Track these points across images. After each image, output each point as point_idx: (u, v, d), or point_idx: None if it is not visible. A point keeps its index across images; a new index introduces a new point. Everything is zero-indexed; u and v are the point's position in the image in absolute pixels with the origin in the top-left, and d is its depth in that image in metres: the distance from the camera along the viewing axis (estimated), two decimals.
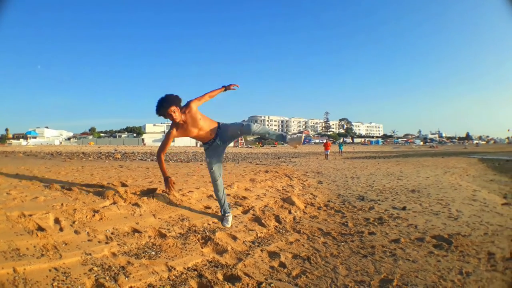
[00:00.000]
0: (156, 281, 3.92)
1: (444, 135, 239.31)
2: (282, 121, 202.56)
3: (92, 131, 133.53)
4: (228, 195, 7.92)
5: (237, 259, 4.80)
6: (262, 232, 6.04)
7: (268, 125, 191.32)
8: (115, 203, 5.87)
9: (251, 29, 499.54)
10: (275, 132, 6.31)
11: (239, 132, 6.14)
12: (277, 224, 6.77)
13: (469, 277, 4.46)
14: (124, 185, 7.31)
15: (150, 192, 6.69)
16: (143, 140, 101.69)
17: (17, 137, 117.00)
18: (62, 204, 5.33)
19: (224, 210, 6.27)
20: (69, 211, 5.17)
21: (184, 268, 4.32)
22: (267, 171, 13.12)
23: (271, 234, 6.17)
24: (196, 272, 4.25)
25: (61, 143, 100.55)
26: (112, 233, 4.89)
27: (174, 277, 4.09)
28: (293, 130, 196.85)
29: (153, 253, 4.58)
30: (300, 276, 4.42)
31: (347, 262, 5.02)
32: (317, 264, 4.89)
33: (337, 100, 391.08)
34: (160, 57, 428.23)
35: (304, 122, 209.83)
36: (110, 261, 4.14)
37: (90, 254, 4.17)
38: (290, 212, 7.72)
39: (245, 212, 7.11)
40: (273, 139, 6.83)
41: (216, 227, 5.89)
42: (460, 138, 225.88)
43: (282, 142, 6.32)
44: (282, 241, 5.80)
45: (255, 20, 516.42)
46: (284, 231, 6.39)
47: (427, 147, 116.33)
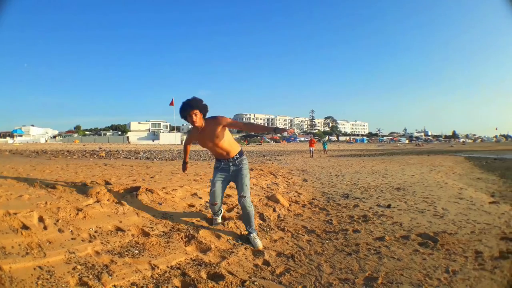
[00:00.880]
0: (139, 279, 3.90)
1: (430, 134, 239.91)
2: (268, 119, 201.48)
3: (78, 129, 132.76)
4: None
5: (221, 258, 4.79)
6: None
7: (254, 122, 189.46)
8: (98, 201, 5.86)
9: (236, 26, 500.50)
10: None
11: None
12: (261, 222, 6.74)
13: (456, 276, 4.44)
14: (108, 183, 7.30)
15: (133, 191, 6.68)
16: (128, 138, 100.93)
17: (3, 135, 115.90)
18: (46, 203, 5.32)
19: (215, 213, 6.11)
20: (53, 209, 5.15)
21: (168, 267, 4.31)
22: (251, 169, 13.11)
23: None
24: (179, 271, 4.26)
25: (46, 141, 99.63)
26: (95, 232, 4.88)
27: (157, 275, 4.07)
28: None
29: (137, 251, 4.58)
30: (284, 274, 4.40)
31: (332, 259, 5.00)
32: (301, 262, 4.86)
33: (323, 99, 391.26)
34: (145, 56, 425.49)
35: (289, 120, 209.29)
36: (94, 260, 4.13)
37: (73, 252, 4.16)
38: (274, 210, 7.69)
39: (229, 210, 7.07)
40: None
41: (200, 225, 5.86)
42: (446, 137, 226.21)
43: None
44: (266, 239, 5.78)
45: (241, 18, 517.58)
46: (268, 229, 6.36)
47: (413, 145, 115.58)
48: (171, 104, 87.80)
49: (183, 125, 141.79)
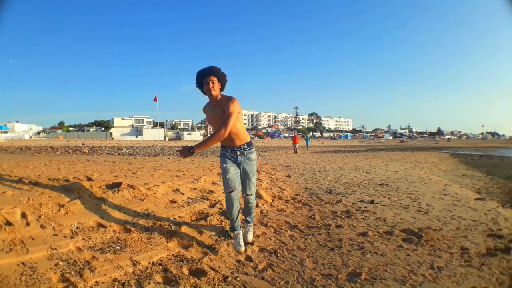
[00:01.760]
0: (121, 275, 3.90)
1: (414, 130, 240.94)
2: (252, 115, 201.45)
3: (61, 125, 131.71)
4: (195, 189, 7.86)
5: (203, 254, 4.78)
6: (228, 226, 5.88)
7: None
8: (80, 197, 5.81)
9: (218, 24, 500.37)
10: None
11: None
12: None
13: (441, 272, 4.40)
14: (89, 179, 7.22)
15: (115, 187, 6.61)
16: (111, 134, 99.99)
17: None
18: (28, 199, 5.31)
19: (233, 227, 5.28)
20: (36, 205, 5.13)
21: (149, 263, 4.31)
22: None
23: None
24: (161, 267, 4.25)
25: (31, 137, 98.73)
26: (77, 228, 4.86)
27: (139, 271, 4.06)
28: (263, 124, 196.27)
29: (118, 247, 4.59)
30: (267, 270, 4.38)
31: (314, 255, 4.97)
32: (284, 257, 4.84)
33: (307, 95, 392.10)
34: (128, 53, 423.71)
35: (274, 117, 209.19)
36: (76, 256, 4.15)
37: (55, 249, 4.17)
38: (257, 206, 7.59)
39: (212, 205, 7.01)
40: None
41: (182, 222, 5.81)
42: (431, 133, 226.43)
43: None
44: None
45: (222, 15, 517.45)
46: None
47: (397, 142, 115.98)
48: (155, 100, 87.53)
49: (166, 121, 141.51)
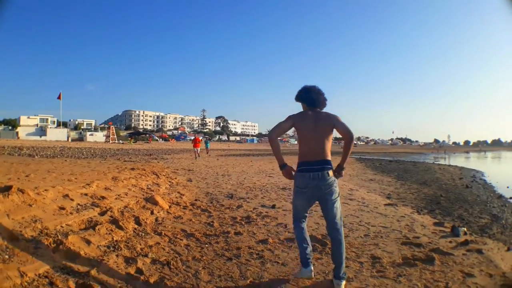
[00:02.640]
0: (10, 287, 3.67)
1: None
2: (158, 117, 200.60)
3: None
4: (86, 194, 7.48)
5: (90, 266, 4.48)
6: (119, 236, 5.67)
7: (143, 120, 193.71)
8: None
9: (120, 18, 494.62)
10: None
11: None
12: (136, 226, 6.41)
13: (351, 284, 4.23)
14: None
15: (6, 190, 6.09)
16: (17, 133, 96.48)
17: None
18: None
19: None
20: None
21: (36, 275, 4.00)
22: (133, 169, 12.82)
23: (129, 237, 5.79)
24: (47, 279, 3.96)
25: None
26: None
27: (26, 283, 3.81)
28: (169, 126, 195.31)
29: (7, 256, 4.26)
30: (158, 284, 4.17)
31: (210, 266, 4.79)
32: (178, 269, 4.63)
33: (215, 98, 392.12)
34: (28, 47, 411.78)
35: (180, 119, 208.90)
36: None
37: None
38: (152, 213, 7.42)
39: (102, 213, 6.66)
40: None
41: (69, 230, 5.45)
42: (336, 139, 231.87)
43: None
44: (141, 244, 5.47)
45: (130, 11, 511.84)
46: (144, 234, 6.05)
47: None
48: (59, 98, 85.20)
49: (70, 120, 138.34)
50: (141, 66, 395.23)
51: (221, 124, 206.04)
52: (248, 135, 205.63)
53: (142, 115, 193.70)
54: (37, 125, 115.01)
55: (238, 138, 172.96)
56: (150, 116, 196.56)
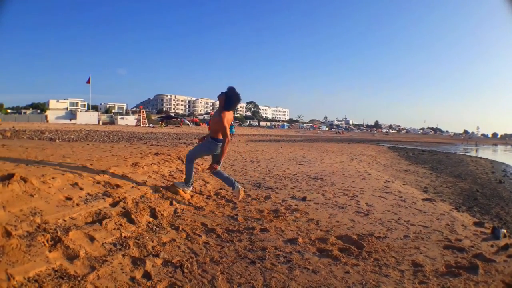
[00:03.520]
0: None
1: (351, 122, 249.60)
2: (189, 101, 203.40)
3: (0, 107, 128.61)
4: (98, 182, 6.75)
5: (90, 268, 3.84)
6: (129, 231, 5.03)
7: (174, 104, 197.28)
8: None
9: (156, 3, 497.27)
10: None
11: None
12: (151, 219, 5.72)
13: None
14: None
15: (7, 178, 5.51)
16: (46, 117, 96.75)
17: None
18: None
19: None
20: None
21: (25, 278, 3.44)
22: (157, 154, 12.10)
23: (141, 233, 5.11)
24: (37, 284, 3.39)
25: None
26: None
27: None
28: (200, 110, 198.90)
29: None
30: None
31: (230, 270, 4.13)
32: (192, 274, 3.96)
33: (246, 83, 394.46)
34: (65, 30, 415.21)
35: (211, 103, 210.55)
36: None
37: None
38: (171, 204, 6.73)
39: (114, 204, 5.91)
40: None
41: (72, 224, 4.77)
42: (368, 126, 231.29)
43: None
44: (153, 242, 4.82)
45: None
46: (158, 229, 5.38)
47: (333, 133, 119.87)
48: (88, 82, 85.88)
49: (101, 104, 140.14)
50: (173, 51, 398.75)
51: (252, 109, 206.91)
52: (278, 120, 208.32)
53: (173, 100, 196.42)
54: (67, 108, 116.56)
55: (268, 123, 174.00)
56: (182, 101, 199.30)
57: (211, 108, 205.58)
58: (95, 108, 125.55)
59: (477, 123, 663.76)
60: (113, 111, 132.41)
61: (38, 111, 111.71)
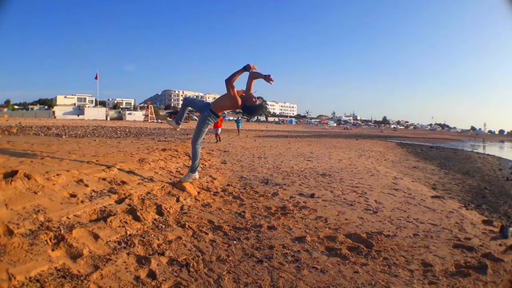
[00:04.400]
0: None
1: (359, 118, 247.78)
2: (197, 97, 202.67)
3: (8, 103, 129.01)
4: (104, 179, 6.67)
5: (94, 267, 3.73)
6: (134, 228, 4.94)
7: (182, 100, 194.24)
8: None
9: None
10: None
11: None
12: (157, 216, 5.64)
13: None
14: None
15: (10, 175, 5.44)
16: (53, 113, 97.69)
17: None
18: None
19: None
20: None
21: (26, 278, 3.34)
22: (164, 149, 12.10)
23: (146, 230, 5.03)
24: (38, 284, 3.30)
25: None
26: None
27: None
28: None
29: None
30: None
31: (237, 269, 4.03)
32: (198, 273, 3.87)
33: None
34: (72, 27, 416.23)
35: None
36: None
37: None
38: (178, 200, 6.67)
39: (119, 201, 5.83)
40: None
41: (76, 222, 4.69)
42: (376, 122, 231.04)
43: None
44: (158, 239, 4.72)
45: None
46: (164, 226, 5.29)
47: (341, 129, 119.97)
48: (96, 78, 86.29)
49: (109, 100, 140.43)
50: (181, 47, 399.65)
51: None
52: (286, 116, 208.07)
53: (181, 95, 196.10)
54: (74, 104, 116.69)
55: (276, 119, 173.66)
56: (190, 96, 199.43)
57: None
58: (103, 104, 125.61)
59: (484, 119, 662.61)
60: (121, 106, 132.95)
61: (46, 107, 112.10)
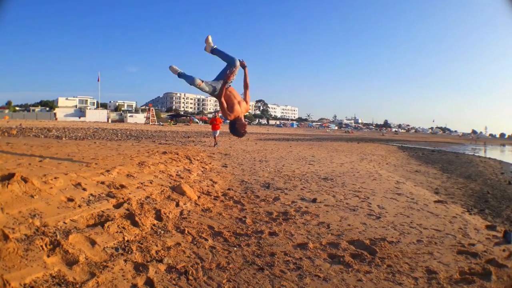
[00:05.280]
0: None
1: (360, 121, 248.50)
2: (199, 100, 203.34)
3: (9, 105, 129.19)
4: (102, 183, 6.62)
5: (90, 274, 3.67)
6: (132, 234, 4.85)
7: (184, 102, 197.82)
8: None
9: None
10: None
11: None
12: (155, 221, 5.56)
13: None
14: None
15: (7, 178, 5.35)
16: (55, 114, 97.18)
17: None
18: None
19: None
20: None
21: (20, 285, 3.29)
22: (165, 152, 12.07)
23: (145, 236, 4.94)
24: None
25: None
26: None
27: None
28: (210, 109, 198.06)
29: None
30: None
31: (237, 278, 3.96)
32: (197, 281, 3.80)
33: (255, 82, 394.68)
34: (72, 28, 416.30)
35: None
36: None
37: None
38: (177, 205, 6.59)
39: (118, 206, 5.76)
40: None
41: (72, 227, 4.60)
42: (377, 125, 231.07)
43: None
44: (157, 246, 4.64)
45: None
46: (163, 232, 5.22)
47: (342, 132, 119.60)
48: (98, 80, 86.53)
49: (110, 102, 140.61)
50: (183, 49, 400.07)
51: (261, 108, 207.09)
52: (287, 119, 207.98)
53: (183, 98, 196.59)
54: (75, 106, 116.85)
55: (277, 122, 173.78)
56: (191, 99, 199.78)
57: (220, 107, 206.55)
58: (104, 106, 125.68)
59: (485, 123, 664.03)
60: (122, 109, 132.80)
61: (47, 109, 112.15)
